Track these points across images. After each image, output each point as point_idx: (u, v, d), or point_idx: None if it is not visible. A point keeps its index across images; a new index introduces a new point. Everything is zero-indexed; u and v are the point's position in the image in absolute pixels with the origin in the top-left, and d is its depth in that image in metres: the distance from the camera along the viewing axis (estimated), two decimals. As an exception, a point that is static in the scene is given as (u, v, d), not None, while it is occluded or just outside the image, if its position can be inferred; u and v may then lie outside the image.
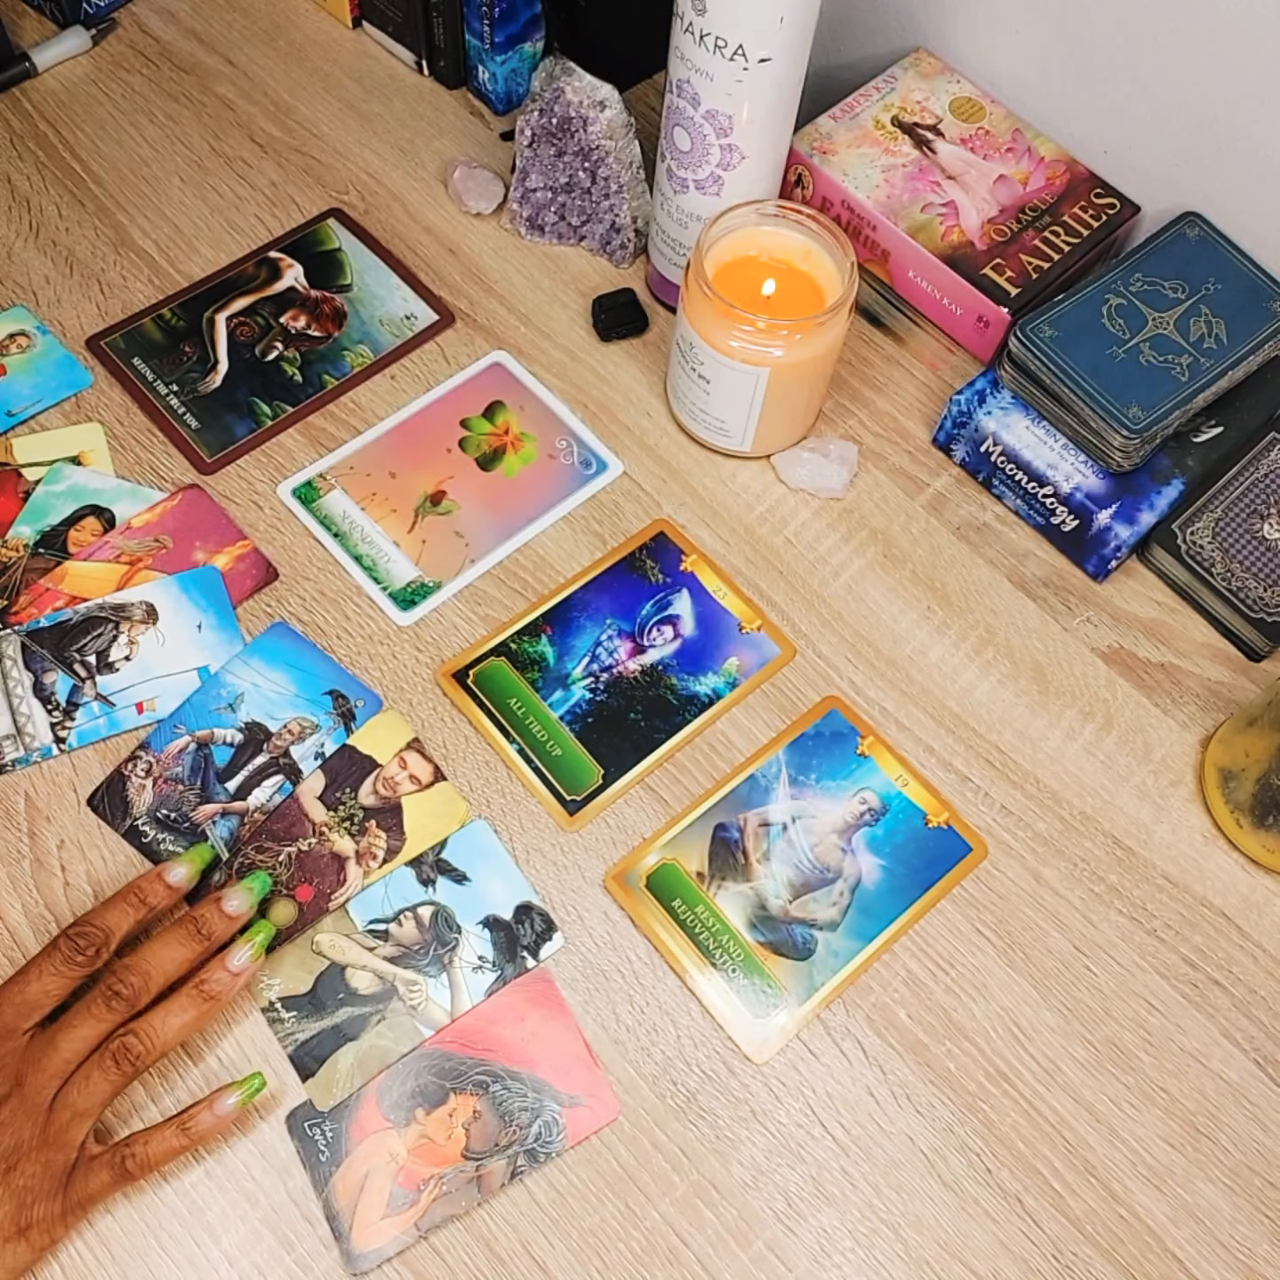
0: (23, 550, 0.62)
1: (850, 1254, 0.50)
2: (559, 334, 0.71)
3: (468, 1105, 0.51)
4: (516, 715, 0.60)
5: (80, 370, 0.68)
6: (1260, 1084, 0.54)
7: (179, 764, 0.57)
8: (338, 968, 0.54)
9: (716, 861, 0.57)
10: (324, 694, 0.60)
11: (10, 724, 0.58)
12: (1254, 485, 0.64)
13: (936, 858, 0.58)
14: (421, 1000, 0.53)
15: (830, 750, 0.60)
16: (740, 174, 0.63)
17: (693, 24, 0.57)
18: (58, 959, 0.49)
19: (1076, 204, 0.70)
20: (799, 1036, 0.54)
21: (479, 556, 0.64)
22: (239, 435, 0.67)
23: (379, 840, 0.56)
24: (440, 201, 0.75)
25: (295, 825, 0.57)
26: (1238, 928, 0.57)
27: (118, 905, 0.51)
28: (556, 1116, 0.51)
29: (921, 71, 0.74)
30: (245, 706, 0.59)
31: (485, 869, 0.56)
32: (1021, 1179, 0.52)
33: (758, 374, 0.61)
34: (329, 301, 0.71)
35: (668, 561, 0.64)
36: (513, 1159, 0.51)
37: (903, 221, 0.69)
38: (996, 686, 0.62)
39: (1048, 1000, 0.55)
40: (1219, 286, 0.65)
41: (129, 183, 0.75)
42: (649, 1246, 0.50)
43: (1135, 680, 0.63)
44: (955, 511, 0.67)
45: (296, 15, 0.83)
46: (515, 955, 0.54)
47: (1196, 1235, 0.51)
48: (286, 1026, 0.53)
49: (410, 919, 0.55)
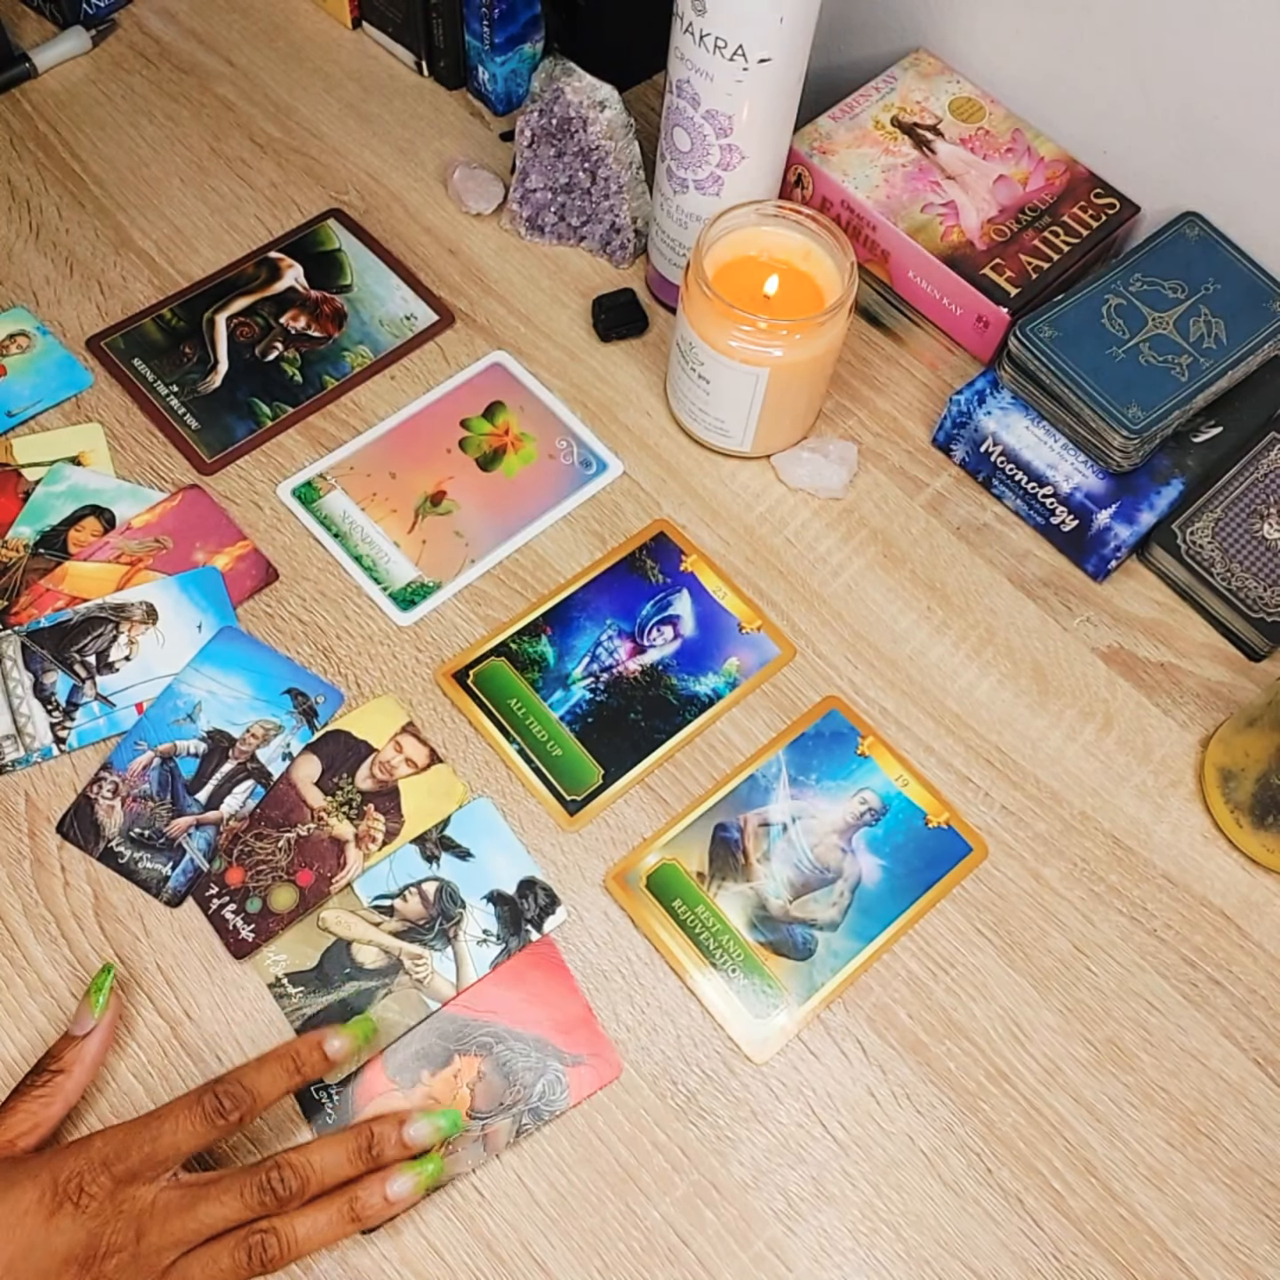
0: (23, 550, 0.62)
1: (850, 1254, 0.50)
2: (559, 334, 0.71)
3: (472, 1066, 0.52)
4: (516, 715, 0.60)
5: (80, 371, 0.68)
6: (1260, 1084, 0.54)
7: (145, 780, 0.57)
8: (343, 943, 0.54)
9: (717, 861, 0.57)
10: (282, 694, 0.59)
11: (10, 724, 0.58)
12: (1254, 485, 0.64)
13: (936, 858, 0.58)
14: (427, 974, 0.54)
15: (830, 750, 0.60)
16: (740, 174, 0.63)
17: (693, 24, 0.57)
18: (198, 1115, 0.46)
19: (1076, 204, 0.70)
20: (799, 1036, 0.54)
21: (479, 556, 0.64)
22: (239, 436, 0.67)
23: (377, 823, 0.57)
24: (440, 202, 0.76)
25: (293, 811, 0.57)
26: (1238, 927, 0.57)
27: (270, 1068, 0.48)
28: (560, 1075, 0.52)
29: (921, 71, 0.74)
30: (204, 715, 0.59)
31: (489, 845, 0.57)
32: (1022, 1179, 0.52)
33: (758, 374, 0.61)
34: (329, 302, 0.71)
35: (668, 561, 0.64)
36: (517, 1118, 0.51)
37: (902, 221, 0.69)
38: (996, 686, 0.62)
39: (1048, 1000, 0.55)
40: (1219, 286, 0.65)
41: (129, 183, 0.75)
42: (649, 1246, 0.50)
43: (1135, 680, 0.63)
44: (955, 511, 0.67)
45: (296, 15, 0.83)
46: (519, 929, 0.55)
47: (1197, 1235, 0.51)
48: (293, 1001, 0.53)
49: (415, 894, 0.55)
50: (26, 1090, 0.48)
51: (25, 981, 0.53)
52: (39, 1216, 0.44)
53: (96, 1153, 0.45)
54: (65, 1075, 0.49)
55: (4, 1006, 0.53)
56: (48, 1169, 0.45)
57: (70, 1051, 0.49)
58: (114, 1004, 0.51)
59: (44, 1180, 0.45)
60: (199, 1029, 0.53)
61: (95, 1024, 0.50)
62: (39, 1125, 0.48)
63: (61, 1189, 0.44)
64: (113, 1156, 0.45)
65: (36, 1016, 0.53)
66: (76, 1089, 0.49)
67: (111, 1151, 0.45)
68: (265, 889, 0.55)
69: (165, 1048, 0.52)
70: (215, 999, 0.53)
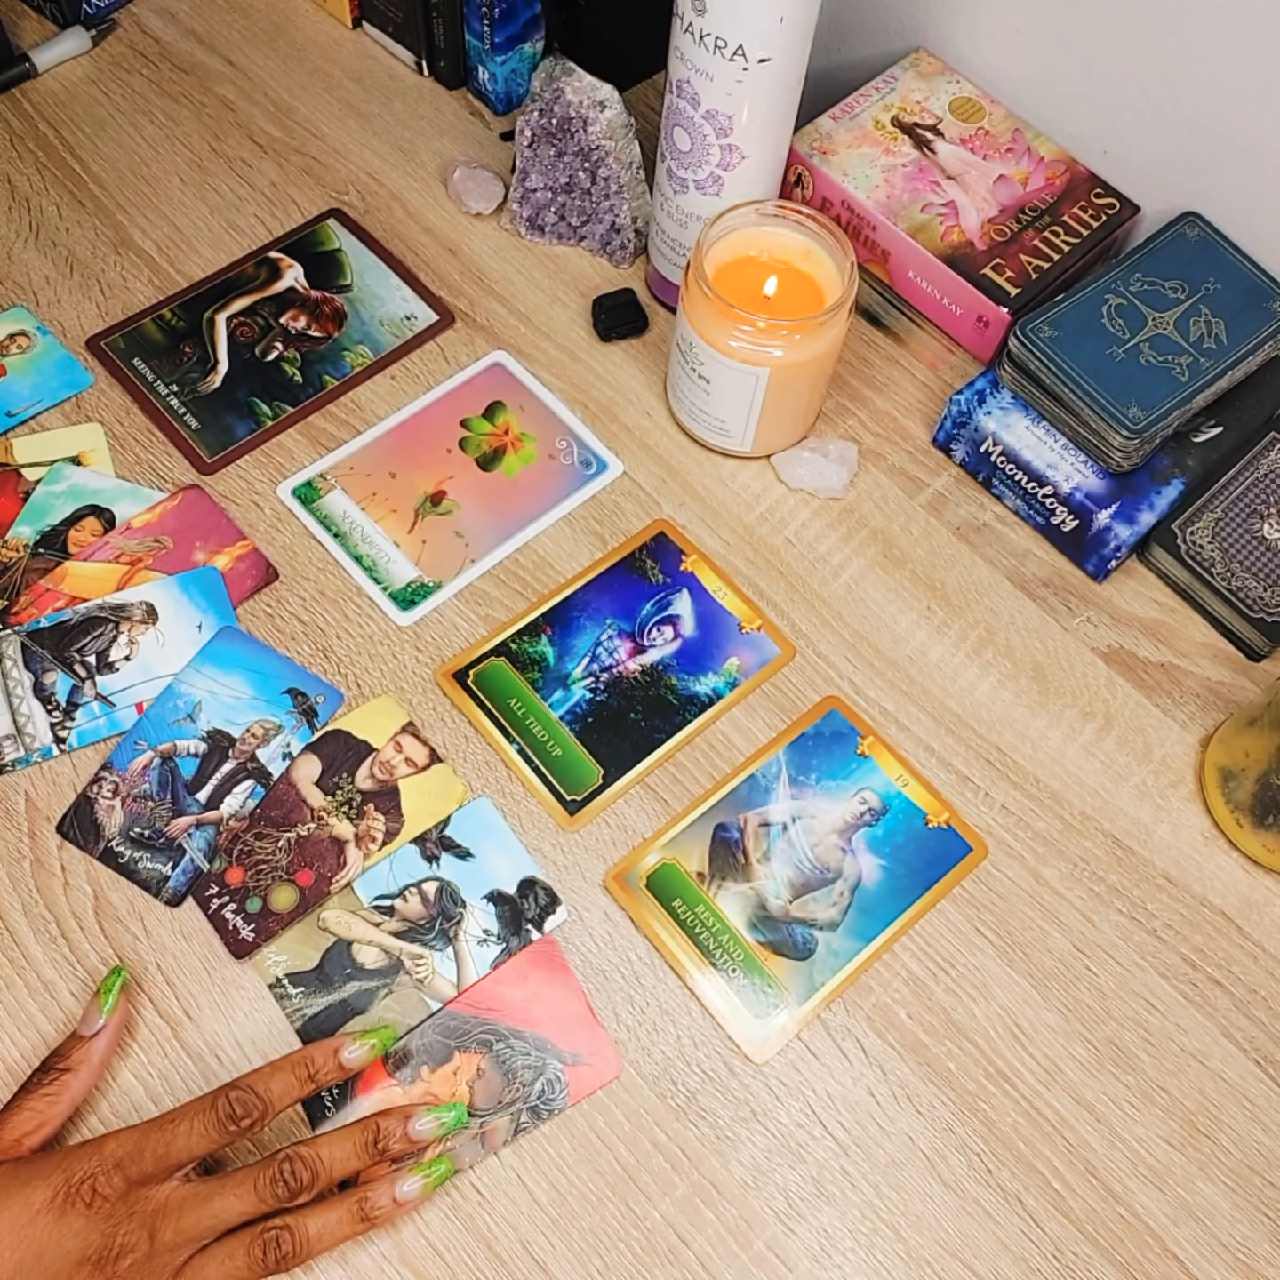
0: (23, 550, 0.62)
1: (851, 1254, 0.50)
2: (559, 334, 0.71)
3: (472, 1063, 0.52)
4: (516, 715, 0.60)
5: (80, 370, 0.68)
6: (1260, 1084, 0.54)
7: (145, 780, 0.57)
8: (344, 943, 0.54)
9: (717, 861, 0.57)
10: (282, 693, 0.59)
11: (10, 724, 0.58)
12: (1254, 485, 0.64)
13: (936, 858, 0.58)
14: (428, 974, 0.54)
15: (830, 750, 0.60)
16: (740, 174, 0.63)
17: (693, 24, 0.57)
18: (210, 1120, 0.46)
19: (1076, 204, 0.70)
20: (799, 1036, 0.54)
21: (479, 556, 0.64)
22: (239, 435, 0.67)
23: (377, 823, 0.57)
24: (440, 202, 0.76)
25: (294, 811, 0.57)
26: (1238, 927, 0.57)
27: (284, 1075, 0.48)
28: (559, 1074, 0.52)
29: (921, 71, 0.74)
30: (204, 715, 0.59)
31: (489, 845, 0.57)
32: (1022, 1179, 0.52)
33: (758, 374, 0.61)
34: (329, 302, 0.71)
35: (668, 561, 0.64)
36: (516, 1116, 0.51)
37: (903, 221, 0.69)
38: (996, 686, 0.62)
39: (1048, 1000, 0.55)
40: (1219, 286, 0.65)
41: (129, 183, 0.75)
42: (649, 1246, 0.50)
43: (1135, 680, 0.63)
44: (955, 511, 0.67)
45: (296, 15, 0.83)
46: (520, 928, 0.55)
47: (1197, 1235, 0.51)
48: (294, 1002, 0.53)
49: (415, 894, 0.56)
50: (33, 1089, 0.48)
51: (25, 981, 0.53)
52: (51, 1217, 0.44)
53: (109, 1154, 0.45)
54: (72, 1074, 0.49)
55: (4, 1007, 0.53)
56: (60, 1169, 0.45)
57: (78, 1051, 0.49)
58: (122, 1005, 0.51)
59: (56, 1181, 0.45)
60: (199, 1029, 0.53)
61: (103, 1024, 0.50)
62: (44, 1124, 0.48)
63: (74, 1190, 0.44)
64: (126, 1158, 0.45)
65: (36, 1016, 0.53)
66: (83, 1089, 0.49)
67: (125, 1153, 0.45)
68: (265, 889, 0.55)
69: (165, 1048, 0.52)
70: (215, 999, 0.53)
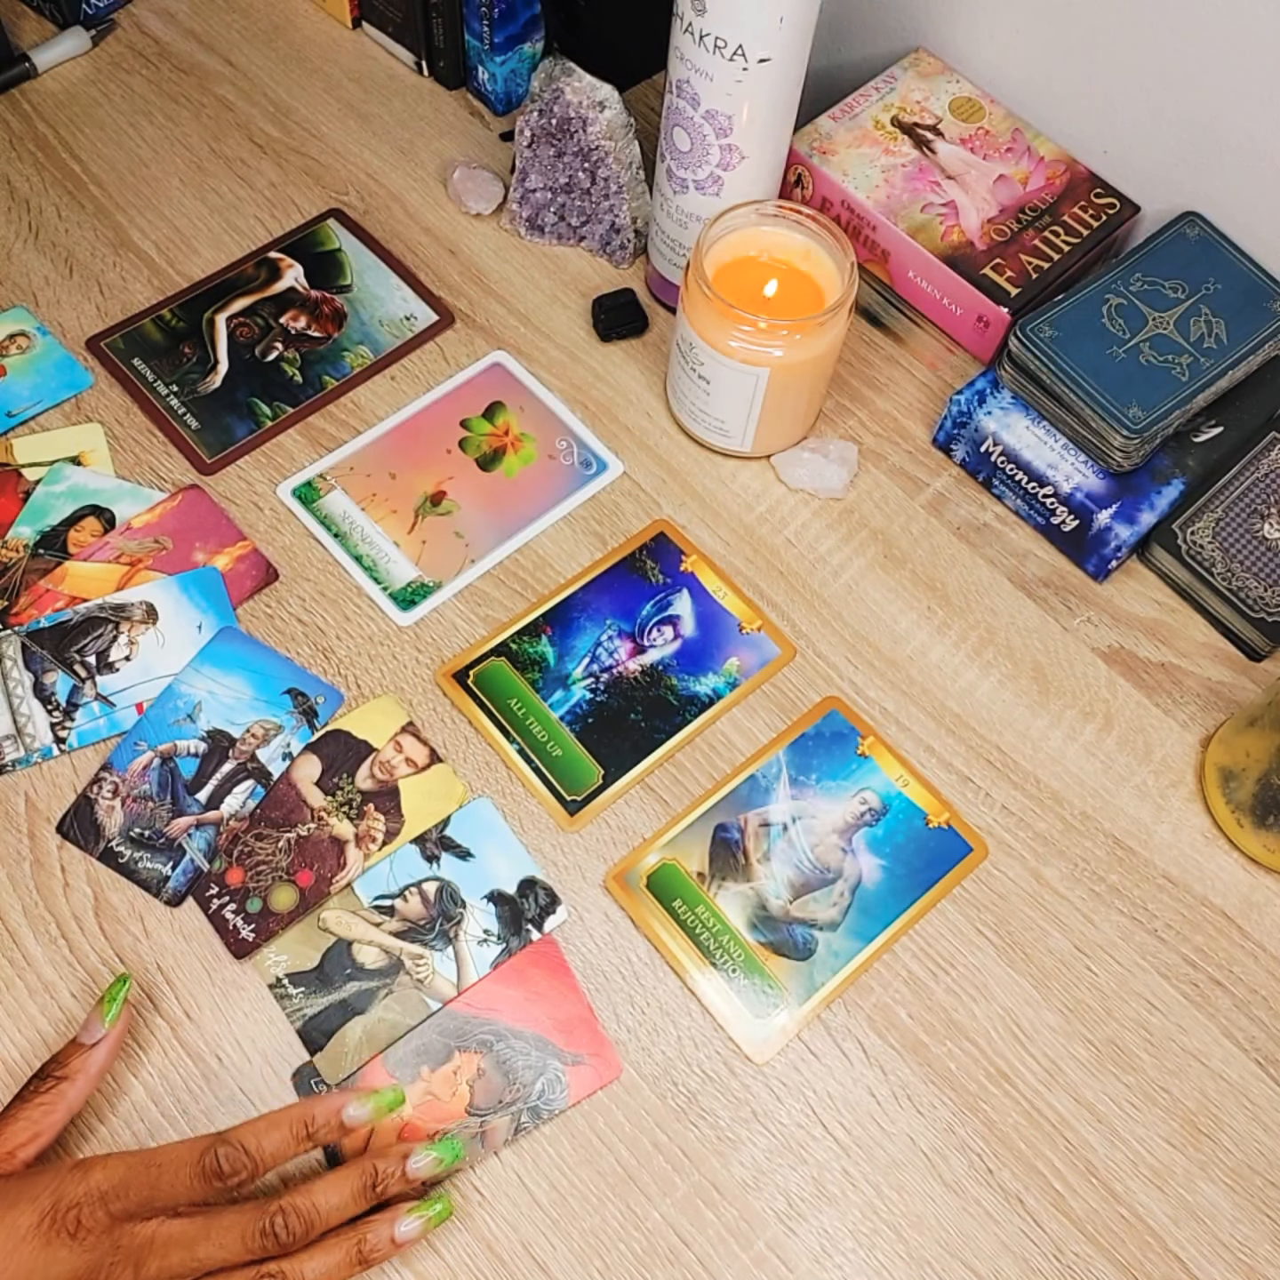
0: (23, 551, 0.62)
1: (851, 1254, 0.50)
2: (559, 334, 0.71)
3: (472, 1063, 0.52)
4: (516, 715, 0.60)
5: (80, 371, 0.68)
6: (1261, 1084, 0.54)
7: (145, 780, 0.57)
8: (344, 943, 0.54)
9: (717, 862, 0.57)
10: (283, 694, 0.59)
11: (10, 724, 0.58)
12: (1254, 485, 0.64)
13: (937, 858, 0.58)
14: (428, 974, 0.54)
15: (830, 750, 0.60)
16: (740, 174, 0.63)
17: (692, 24, 0.57)
18: (196, 1173, 0.45)
19: (1076, 204, 0.70)
20: (799, 1037, 0.54)
21: (479, 557, 0.64)
22: (239, 436, 0.67)
23: (378, 823, 0.57)
24: (440, 202, 0.76)
25: (294, 811, 0.57)
26: (1238, 927, 0.57)
27: (280, 1132, 0.46)
28: (559, 1074, 0.52)
29: (921, 71, 0.74)
30: (204, 715, 0.59)
31: (489, 845, 0.57)
32: (1022, 1179, 0.52)
33: (758, 374, 0.61)
34: (329, 302, 0.71)
35: (668, 562, 0.64)
36: (516, 1115, 0.52)
37: (903, 221, 0.69)
38: (997, 687, 0.62)
39: (1048, 1000, 0.55)
40: (1219, 286, 0.65)
41: (128, 183, 0.75)
42: (650, 1247, 0.50)
43: (1135, 680, 0.63)
44: (955, 511, 0.67)
45: (296, 16, 0.83)
46: (520, 928, 0.55)
47: (1197, 1235, 0.51)
48: (294, 1002, 0.53)
49: (415, 894, 0.56)
50: (29, 1098, 0.48)
51: (25, 982, 0.53)
52: (37, 1244, 0.43)
53: (95, 1185, 0.44)
54: (69, 1084, 0.48)
55: (4, 1008, 0.53)
56: (48, 1192, 0.44)
57: (76, 1059, 0.49)
58: (126, 1015, 0.50)
59: (43, 1204, 0.44)
60: (199, 1029, 0.53)
61: (105, 1033, 0.49)
62: (39, 1135, 0.47)
63: (60, 1218, 0.44)
64: (111, 1192, 0.44)
65: (36, 1017, 0.53)
66: (80, 1097, 0.48)
67: (110, 1186, 0.44)
68: (265, 889, 0.55)
69: (165, 1048, 0.52)
70: (215, 999, 0.53)
